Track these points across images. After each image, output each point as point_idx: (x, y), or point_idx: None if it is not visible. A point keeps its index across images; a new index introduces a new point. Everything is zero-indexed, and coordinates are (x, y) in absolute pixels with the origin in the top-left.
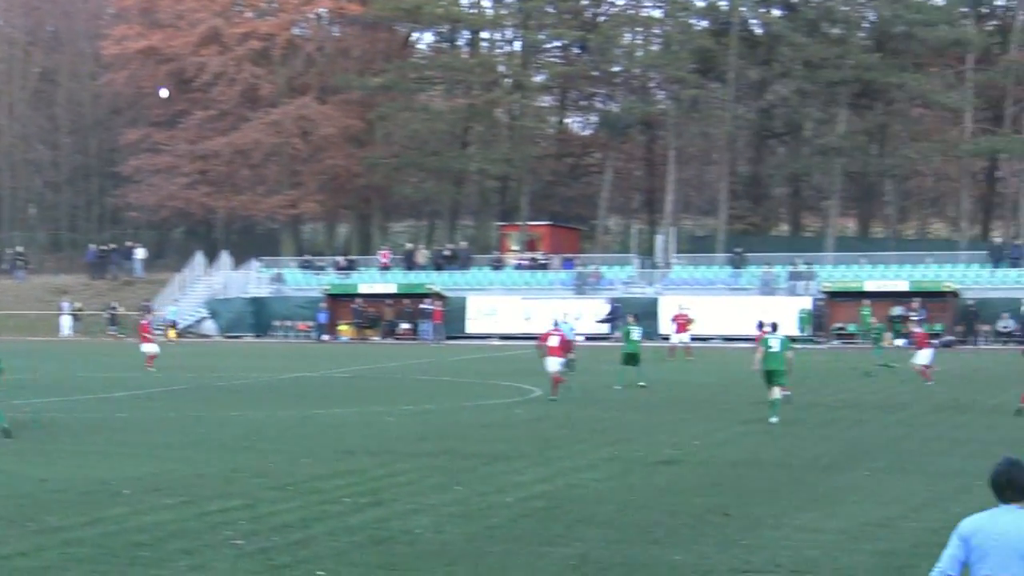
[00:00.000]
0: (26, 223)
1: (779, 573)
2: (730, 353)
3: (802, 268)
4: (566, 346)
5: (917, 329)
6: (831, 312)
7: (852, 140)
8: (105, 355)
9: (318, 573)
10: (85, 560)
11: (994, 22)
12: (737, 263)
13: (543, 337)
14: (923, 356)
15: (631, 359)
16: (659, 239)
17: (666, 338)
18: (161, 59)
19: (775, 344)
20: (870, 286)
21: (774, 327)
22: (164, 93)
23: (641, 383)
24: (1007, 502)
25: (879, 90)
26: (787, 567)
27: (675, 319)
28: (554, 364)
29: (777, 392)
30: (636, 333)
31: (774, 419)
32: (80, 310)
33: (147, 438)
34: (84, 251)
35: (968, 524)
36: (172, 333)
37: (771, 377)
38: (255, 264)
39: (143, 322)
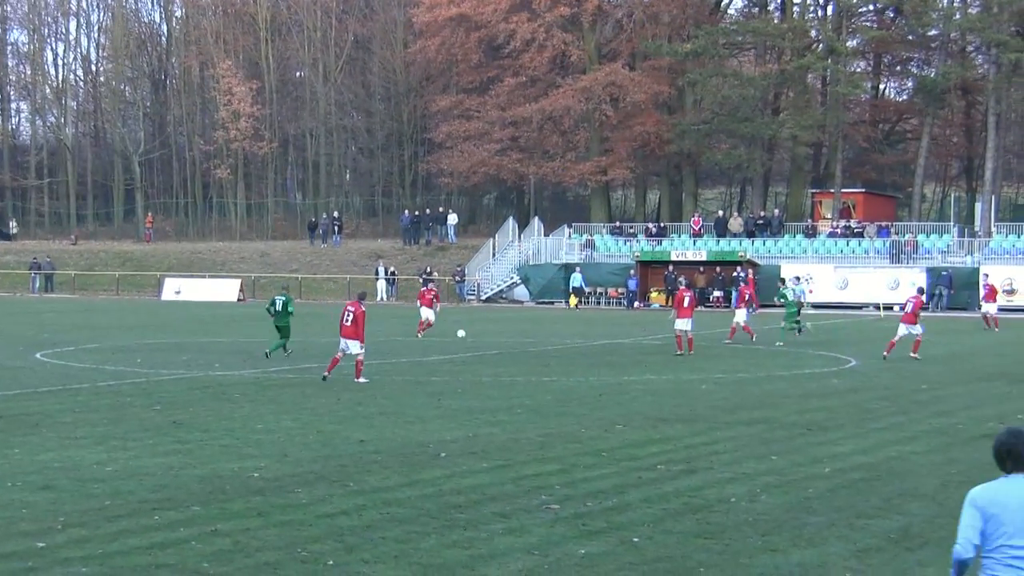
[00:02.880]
0: (342, 188)
1: None
2: None
3: None
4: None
5: None
6: None
7: None
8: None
9: (633, 539)
10: (404, 520)
11: None
12: None
13: (678, 297)
14: None
15: None
16: (979, 207)
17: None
18: (471, 26)
19: None
20: None
21: None
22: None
23: None
24: (1009, 472)
25: None
26: None
27: (986, 289)
28: (683, 324)
29: None
30: None
31: None
32: (395, 274)
33: (462, 402)
34: (398, 216)
35: (981, 494)
36: (573, 301)
37: None
38: (566, 230)
39: (423, 288)
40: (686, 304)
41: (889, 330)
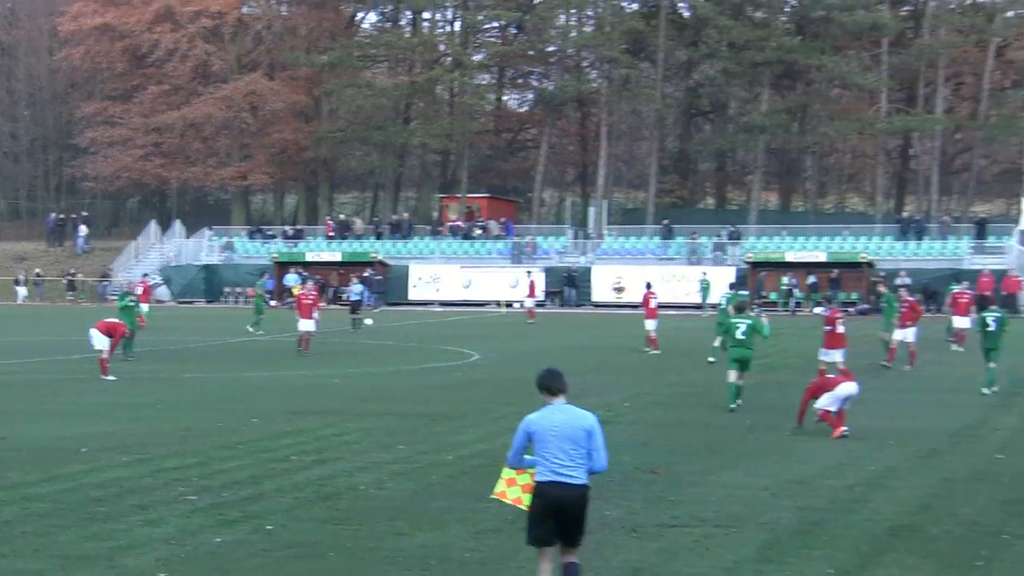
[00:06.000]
0: None
1: (704, 527)
2: (663, 320)
3: (727, 239)
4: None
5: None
6: (752, 281)
7: (774, 118)
8: (64, 319)
9: (267, 527)
10: (43, 515)
11: (908, 8)
12: (666, 234)
13: (300, 298)
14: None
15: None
16: (592, 211)
17: (598, 305)
18: (116, 35)
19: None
20: (791, 257)
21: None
22: None
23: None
24: (555, 400)
25: (800, 71)
26: (711, 522)
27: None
28: (304, 326)
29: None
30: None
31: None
32: (39, 276)
33: (104, 398)
34: (43, 220)
35: (531, 418)
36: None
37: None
38: (207, 233)
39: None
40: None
41: (512, 325)
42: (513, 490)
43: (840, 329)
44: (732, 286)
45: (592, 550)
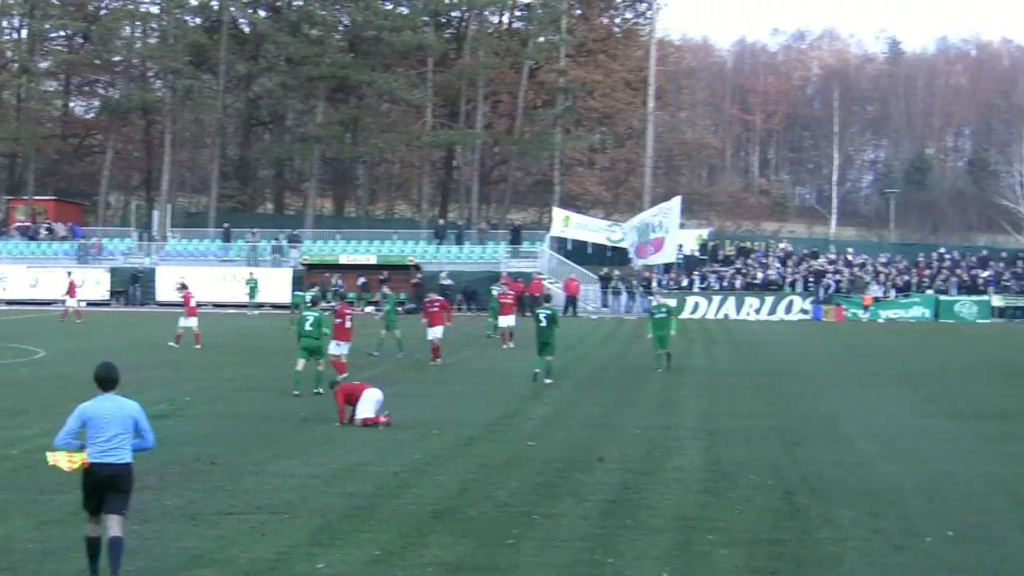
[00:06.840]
0: None
1: (259, 514)
2: (221, 319)
3: (285, 243)
4: None
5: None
6: (309, 281)
7: (329, 129)
8: None
9: None
10: None
11: (451, 31)
12: (226, 237)
13: None
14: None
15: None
16: (156, 214)
17: (162, 304)
18: None
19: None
20: (344, 259)
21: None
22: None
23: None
24: (104, 391)
25: (353, 86)
26: (266, 509)
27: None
28: None
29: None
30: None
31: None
32: None
33: None
34: None
35: (86, 407)
36: None
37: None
38: None
39: None
40: None
41: (79, 323)
42: (62, 462)
43: (348, 324)
44: (311, 288)
45: (153, 538)
